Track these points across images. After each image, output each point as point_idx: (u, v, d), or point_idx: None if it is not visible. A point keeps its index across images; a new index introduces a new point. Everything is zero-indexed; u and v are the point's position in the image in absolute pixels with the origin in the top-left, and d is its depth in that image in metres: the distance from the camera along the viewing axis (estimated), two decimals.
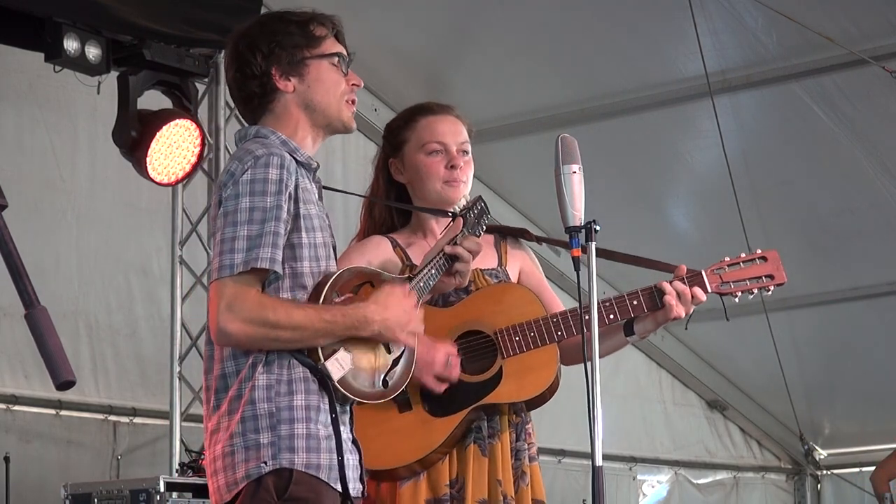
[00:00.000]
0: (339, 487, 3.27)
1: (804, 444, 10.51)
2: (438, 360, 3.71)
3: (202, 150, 6.76)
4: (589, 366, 3.45)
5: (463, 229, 3.70)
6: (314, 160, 3.46)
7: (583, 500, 8.87)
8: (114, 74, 6.56)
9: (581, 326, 3.56)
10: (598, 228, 3.51)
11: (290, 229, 3.29)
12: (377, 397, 3.39)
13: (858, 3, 7.33)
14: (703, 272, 3.87)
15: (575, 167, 3.55)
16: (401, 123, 4.03)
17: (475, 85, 8.08)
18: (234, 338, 3.23)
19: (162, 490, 5.97)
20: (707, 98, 7.58)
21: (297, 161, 3.37)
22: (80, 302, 7.17)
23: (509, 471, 3.82)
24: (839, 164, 8.27)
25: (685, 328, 4.11)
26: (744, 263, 3.93)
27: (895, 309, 9.27)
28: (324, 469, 3.26)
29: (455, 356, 3.75)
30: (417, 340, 3.45)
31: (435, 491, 3.78)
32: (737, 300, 3.94)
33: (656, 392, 10.11)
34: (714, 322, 4.05)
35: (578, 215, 3.53)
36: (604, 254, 3.82)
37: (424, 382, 3.71)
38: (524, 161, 8.36)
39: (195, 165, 6.77)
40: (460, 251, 3.64)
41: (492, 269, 3.97)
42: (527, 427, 3.89)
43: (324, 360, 3.27)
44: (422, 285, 3.56)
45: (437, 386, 3.73)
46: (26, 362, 6.82)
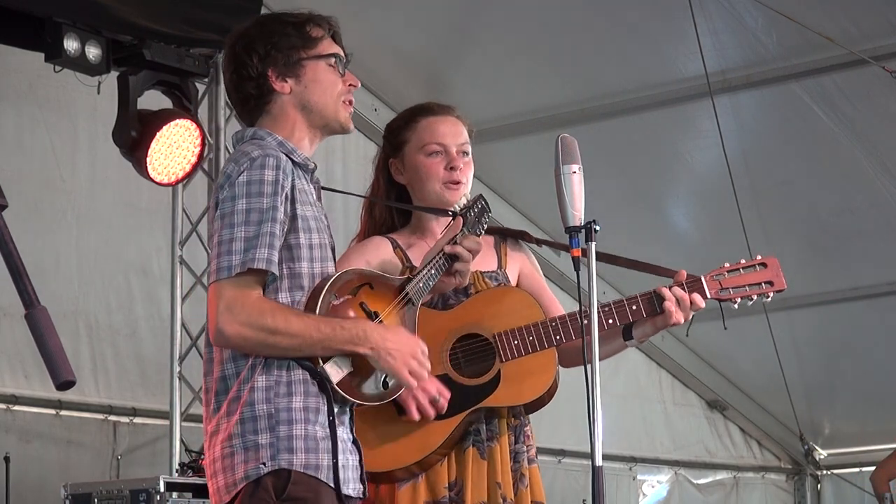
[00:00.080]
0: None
1: (804, 444, 10.51)
2: (430, 389, 3.66)
3: (202, 150, 6.75)
4: (589, 368, 3.45)
5: (463, 228, 3.69)
6: (311, 161, 3.45)
7: (583, 500, 8.87)
8: (114, 74, 6.56)
9: (581, 332, 3.54)
10: (598, 228, 3.51)
11: (287, 230, 3.29)
12: (377, 399, 3.38)
13: (858, 3, 7.33)
14: (703, 278, 3.86)
15: (575, 167, 3.55)
16: (401, 124, 4.02)
17: (475, 85, 8.08)
18: (232, 340, 3.23)
19: (162, 490, 5.97)
20: (707, 98, 7.58)
21: (294, 162, 3.37)
22: (80, 302, 7.16)
23: (508, 473, 3.81)
24: (839, 164, 8.27)
25: (686, 335, 4.11)
26: (743, 270, 3.92)
27: (895, 309, 9.26)
28: (322, 469, 3.25)
29: (446, 391, 3.71)
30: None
31: (434, 493, 3.76)
32: (735, 306, 3.94)
33: (656, 392, 10.11)
34: (714, 322, 4.04)
35: (578, 215, 3.52)
36: (604, 258, 3.81)
37: (405, 402, 3.65)
38: (524, 161, 8.36)
39: (195, 165, 6.77)
40: (460, 250, 3.64)
41: (491, 272, 3.95)
42: (525, 429, 3.88)
43: (323, 363, 3.27)
44: (421, 286, 3.55)
45: (415, 413, 3.67)
46: (26, 362, 6.81)
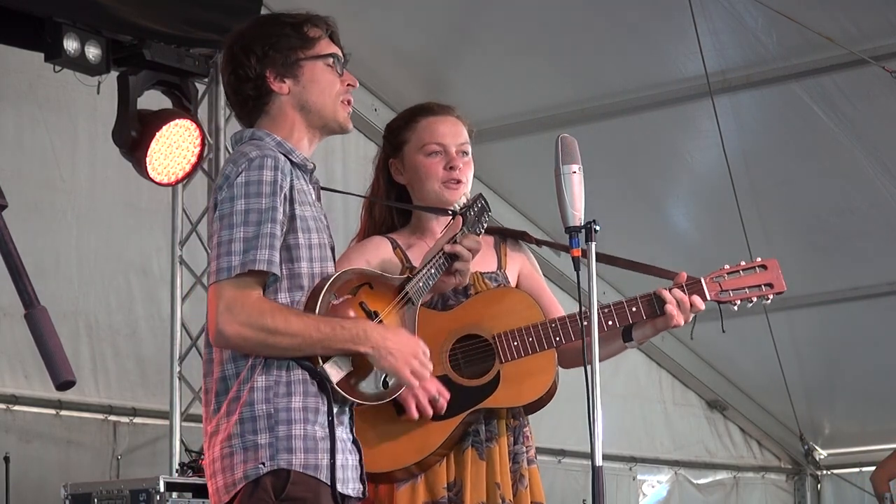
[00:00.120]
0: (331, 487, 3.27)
1: (804, 444, 10.51)
2: (429, 388, 3.65)
3: (202, 150, 6.75)
4: (589, 368, 3.45)
5: (463, 227, 3.69)
6: (310, 161, 3.45)
7: (583, 500, 8.87)
8: (114, 74, 6.56)
9: (581, 333, 3.53)
10: (598, 228, 3.51)
11: (286, 230, 3.29)
12: (376, 399, 3.38)
13: (858, 3, 7.33)
14: (703, 280, 3.85)
15: (575, 167, 3.55)
16: (401, 124, 4.01)
17: (475, 85, 8.07)
18: (232, 340, 3.23)
19: (162, 490, 5.97)
20: (707, 98, 7.58)
21: (293, 162, 3.37)
22: (80, 302, 7.16)
23: (507, 474, 3.80)
24: (839, 164, 8.27)
25: (690, 337, 4.10)
26: (743, 272, 3.92)
27: (895, 309, 9.26)
28: (322, 469, 3.25)
29: (445, 391, 3.71)
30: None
31: (433, 493, 3.76)
32: (735, 308, 3.94)
33: (656, 392, 10.10)
34: (714, 322, 4.04)
35: (578, 215, 3.52)
36: (604, 259, 3.81)
37: (405, 401, 3.65)
38: (524, 161, 8.35)
39: (195, 165, 6.77)
40: (460, 250, 3.63)
41: (491, 273, 3.95)
42: (524, 430, 3.88)
43: (323, 363, 3.27)
44: (421, 285, 3.55)
45: (414, 411, 3.67)
46: (26, 362, 6.81)
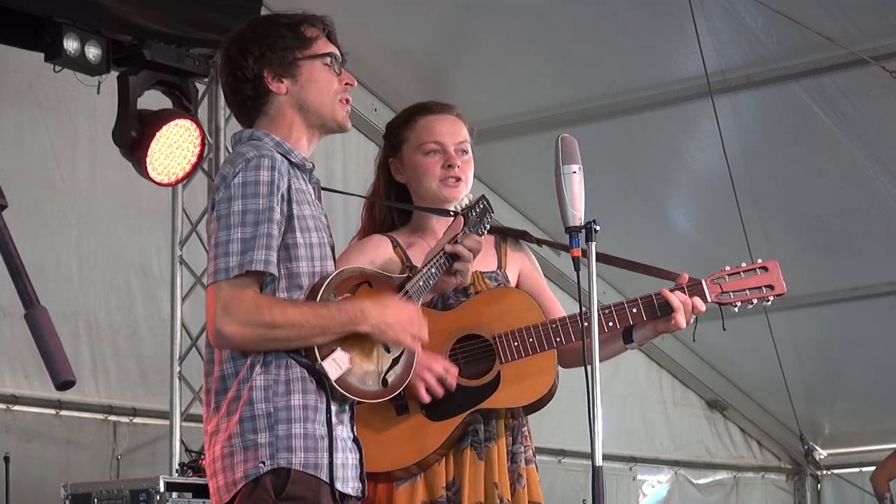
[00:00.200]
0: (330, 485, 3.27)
1: (804, 444, 10.51)
2: (436, 368, 3.69)
3: (202, 150, 6.75)
4: (589, 368, 3.45)
5: (464, 228, 3.69)
6: (309, 161, 3.46)
7: (583, 500, 8.87)
8: (114, 74, 6.56)
9: (581, 334, 3.54)
10: (598, 228, 3.51)
11: (284, 230, 3.29)
12: (376, 396, 3.38)
13: (858, 3, 7.32)
14: (703, 282, 3.86)
15: (575, 167, 3.55)
16: (400, 123, 4.02)
17: (475, 85, 8.07)
18: (232, 340, 3.23)
19: (162, 490, 5.97)
20: (707, 98, 7.58)
21: (292, 162, 3.37)
22: (80, 302, 7.16)
23: (506, 474, 3.81)
24: (839, 164, 8.27)
25: (693, 339, 4.11)
26: (744, 273, 3.92)
27: (895, 309, 9.26)
28: (322, 468, 3.25)
29: (453, 366, 3.73)
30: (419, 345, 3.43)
31: (431, 493, 3.77)
32: (735, 310, 3.94)
33: (656, 392, 10.10)
34: (714, 323, 4.04)
35: (578, 215, 3.52)
36: (604, 259, 3.81)
37: (415, 387, 3.66)
38: (524, 161, 8.35)
39: (195, 165, 6.77)
40: (460, 250, 3.64)
41: (491, 273, 3.95)
42: (523, 430, 3.88)
43: (321, 360, 3.27)
44: (421, 284, 3.55)
45: (425, 395, 3.70)
46: (26, 362, 6.81)
